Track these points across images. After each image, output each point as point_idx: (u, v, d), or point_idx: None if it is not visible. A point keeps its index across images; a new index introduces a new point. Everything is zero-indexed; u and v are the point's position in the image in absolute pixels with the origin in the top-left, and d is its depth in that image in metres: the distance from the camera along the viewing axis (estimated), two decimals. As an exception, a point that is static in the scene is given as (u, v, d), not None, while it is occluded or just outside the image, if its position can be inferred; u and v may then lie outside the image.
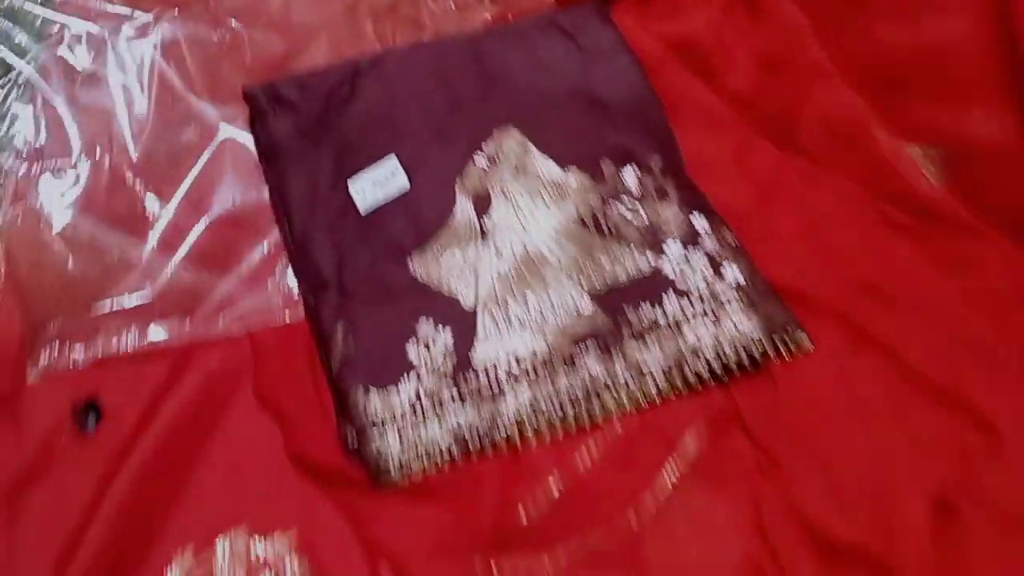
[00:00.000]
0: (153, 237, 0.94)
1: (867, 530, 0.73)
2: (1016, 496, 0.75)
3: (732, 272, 0.87)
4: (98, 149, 1.00)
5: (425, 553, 0.74)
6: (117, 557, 0.76)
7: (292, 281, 0.92)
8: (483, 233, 0.91)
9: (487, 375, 0.82)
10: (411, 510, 0.77)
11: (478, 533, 0.75)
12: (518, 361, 0.83)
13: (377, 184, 0.94)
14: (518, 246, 0.90)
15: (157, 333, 0.89)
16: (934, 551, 0.72)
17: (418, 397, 0.80)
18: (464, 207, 0.93)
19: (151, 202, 0.96)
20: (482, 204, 0.94)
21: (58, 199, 0.96)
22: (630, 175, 0.95)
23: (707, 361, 0.83)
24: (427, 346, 0.83)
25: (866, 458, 0.77)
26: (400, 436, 0.79)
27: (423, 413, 0.80)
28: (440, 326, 0.85)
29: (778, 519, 0.75)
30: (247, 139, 1.00)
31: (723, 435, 0.81)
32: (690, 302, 0.85)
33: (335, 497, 0.79)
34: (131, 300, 0.90)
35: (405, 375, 0.81)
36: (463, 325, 0.85)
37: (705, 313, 0.85)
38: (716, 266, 0.87)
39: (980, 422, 0.79)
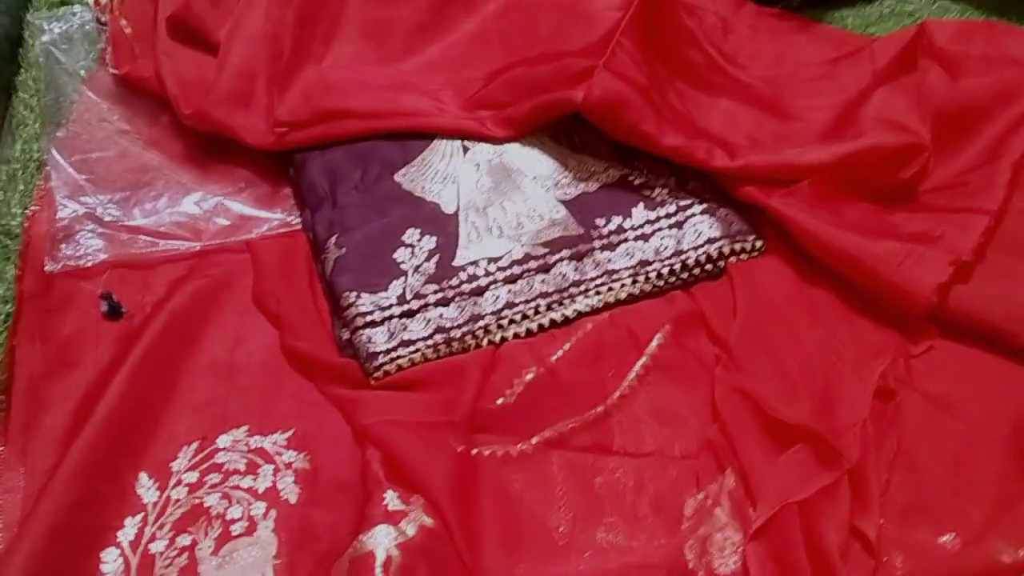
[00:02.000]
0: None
1: (813, 414, 0.80)
2: (944, 383, 0.83)
3: (694, 182, 0.93)
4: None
5: (410, 438, 0.81)
6: (122, 442, 0.82)
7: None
8: (464, 149, 0.97)
9: (468, 276, 0.88)
10: (398, 399, 0.84)
11: (459, 419, 0.82)
12: (497, 263, 0.89)
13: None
14: (495, 160, 0.96)
15: (169, 242, 0.96)
16: (873, 431, 0.79)
17: (405, 296, 0.87)
18: (447, 128, 0.99)
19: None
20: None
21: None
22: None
23: (671, 263, 0.89)
24: (413, 250, 0.89)
25: (814, 353, 0.85)
26: (388, 332, 0.85)
27: (409, 311, 0.86)
28: (425, 231, 0.91)
29: (733, 407, 0.82)
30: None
31: (687, 335, 0.88)
32: (655, 210, 0.92)
33: (328, 392, 0.86)
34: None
35: (393, 276, 0.88)
36: (446, 230, 0.91)
37: (670, 220, 0.91)
38: (680, 175, 0.93)
39: (919, 325, 0.86)
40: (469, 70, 0.99)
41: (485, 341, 0.86)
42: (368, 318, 0.86)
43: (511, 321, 0.87)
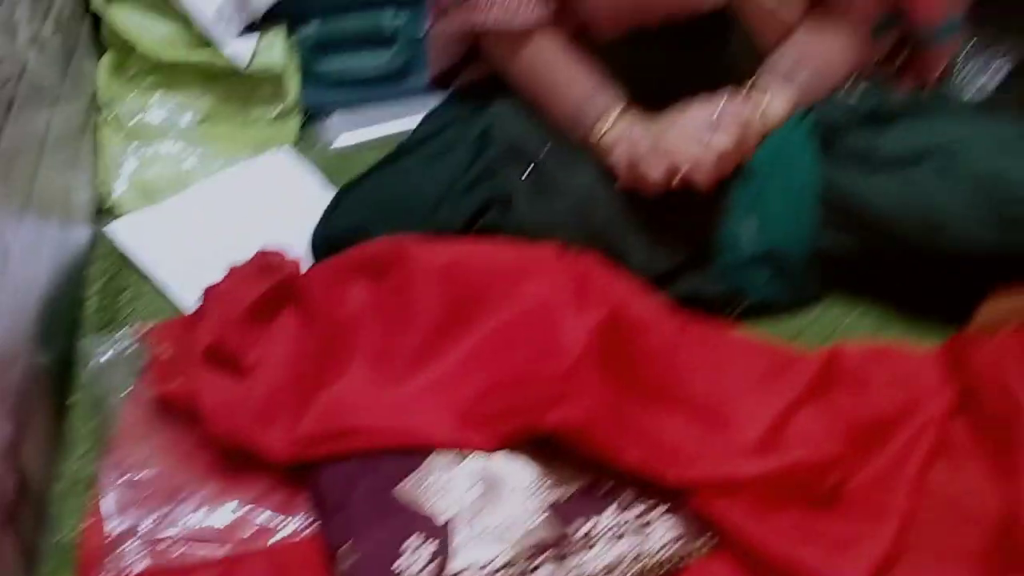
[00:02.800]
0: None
1: None
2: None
3: (653, 487, 1.09)
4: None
5: None
6: None
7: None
8: (457, 461, 1.13)
9: (462, 581, 1.02)
10: None
11: None
12: (486, 568, 1.03)
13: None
14: (484, 470, 1.12)
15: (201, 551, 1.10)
16: None
17: (406, 604, 1.00)
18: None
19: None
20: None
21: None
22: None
23: (639, 562, 1.04)
24: (415, 558, 1.04)
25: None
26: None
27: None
28: (425, 539, 1.05)
29: None
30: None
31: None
32: (624, 513, 1.08)
33: None
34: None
35: (398, 584, 1.02)
36: (441, 538, 1.06)
37: (637, 521, 1.07)
38: (643, 480, 1.09)
39: None
40: (459, 390, 1.17)
41: (478, 646, 0.99)
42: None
43: (499, 622, 1.01)
